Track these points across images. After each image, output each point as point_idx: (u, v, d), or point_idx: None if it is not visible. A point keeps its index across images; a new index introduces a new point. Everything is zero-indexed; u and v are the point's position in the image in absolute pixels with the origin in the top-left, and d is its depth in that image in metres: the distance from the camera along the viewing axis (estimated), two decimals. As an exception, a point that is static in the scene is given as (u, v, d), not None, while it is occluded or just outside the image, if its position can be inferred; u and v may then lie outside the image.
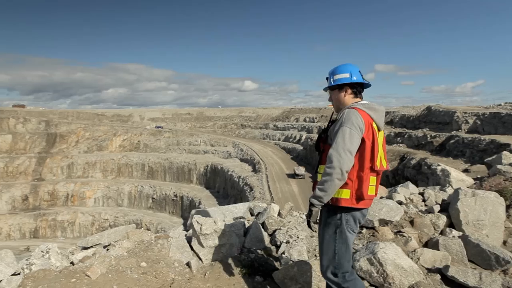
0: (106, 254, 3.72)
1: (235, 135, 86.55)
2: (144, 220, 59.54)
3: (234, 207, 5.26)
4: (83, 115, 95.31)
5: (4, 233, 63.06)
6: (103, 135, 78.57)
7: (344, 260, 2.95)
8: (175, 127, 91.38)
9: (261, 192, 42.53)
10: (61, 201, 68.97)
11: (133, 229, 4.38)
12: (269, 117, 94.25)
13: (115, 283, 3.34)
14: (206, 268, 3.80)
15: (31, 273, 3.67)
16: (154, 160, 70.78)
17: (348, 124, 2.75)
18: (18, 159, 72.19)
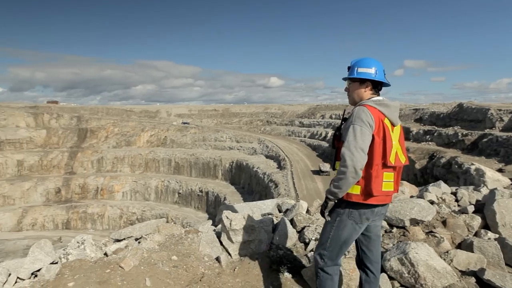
0: (138, 247, 3.82)
1: (260, 132, 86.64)
2: (170, 215, 60.59)
3: (262, 203, 5.27)
4: (112, 111, 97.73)
5: (39, 223, 65.67)
6: (131, 130, 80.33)
7: (334, 247, 3.01)
8: (201, 123, 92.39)
9: (286, 188, 42.46)
10: (91, 194, 71.10)
11: (164, 223, 4.47)
12: (294, 113, 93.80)
13: (147, 275, 3.42)
14: (236, 263, 3.83)
15: (68, 262, 3.80)
16: (181, 156, 71.81)
17: (358, 122, 2.77)
18: (52, 153, 74.84)
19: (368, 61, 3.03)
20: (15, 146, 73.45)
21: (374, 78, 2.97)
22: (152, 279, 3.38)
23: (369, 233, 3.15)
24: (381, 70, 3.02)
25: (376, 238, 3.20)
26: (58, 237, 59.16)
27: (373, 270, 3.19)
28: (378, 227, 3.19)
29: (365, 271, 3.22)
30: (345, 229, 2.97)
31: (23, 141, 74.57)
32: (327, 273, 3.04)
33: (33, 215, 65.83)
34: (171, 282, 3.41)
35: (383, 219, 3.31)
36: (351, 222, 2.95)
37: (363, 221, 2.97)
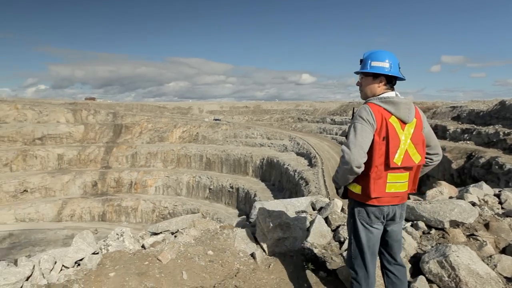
0: (175, 241, 3.90)
1: (291, 129, 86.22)
2: (201, 210, 61.49)
3: (296, 201, 5.25)
4: (146, 108, 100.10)
5: (77, 215, 68.39)
6: (164, 126, 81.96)
7: (357, 253, 2.97)
8: (232, 120, 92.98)
9: (316, 186, 42.09)
10: (126, 188, 73.22)
11: (199, 218, 4.55)
12: (326, 111, 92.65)
13: (184, 269, 3.49)
14: (270, 260, 3.84)
15: (108, 253, 3.94)
16: (212, 152, 72.63)
17: (359, 120, 2.73)
18: (89, 148, 77.62)
19: (382, 54, 2.90)
20: (55, 141, 76.75)
21: (388, 72, 2.85)
22: (189, 273, 3.45)
23: (388, 238, 3.05)
24: (396, 64, 2.89)
25: (394, 243, 3.08)
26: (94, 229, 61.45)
27: (395, 272, 3.09)
28: (397, 232, 3.06)
29: (387, 274, 3.13)
30: (359, 231, 2.93)
31: (63, 136, 77.79)
32: (359, 283, 3.00)
33: (72, 206, 68.64)
34: (207, 276, 3.46)
35: (402, 221, 3.16)
36: (361, 223, 2.91)
37: (374, 222, 2.90)
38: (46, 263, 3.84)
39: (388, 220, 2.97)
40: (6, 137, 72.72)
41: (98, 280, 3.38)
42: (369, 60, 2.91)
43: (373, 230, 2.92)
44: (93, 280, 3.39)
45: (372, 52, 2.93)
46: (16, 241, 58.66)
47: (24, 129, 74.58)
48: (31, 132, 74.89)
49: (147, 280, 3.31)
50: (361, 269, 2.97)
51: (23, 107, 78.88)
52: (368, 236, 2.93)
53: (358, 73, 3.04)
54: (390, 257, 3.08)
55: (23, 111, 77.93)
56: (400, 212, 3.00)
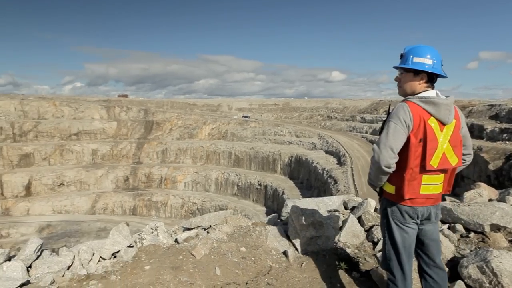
0: (208, 237, 3.95)
1: (320, 127, 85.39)
2: (229, 206, 62.00)
3: (328, 199, 5.19)
4: (177, 105, 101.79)
5: (109, 208, 70.61)
6: (194, 123, 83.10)
7: (392, 255, 2.90)
8: (261, 117, 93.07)
9: (345, 185, 41.54)
10: (156, 184, 74.83)
11: (231, 215, 4.58)
12: (356, 109, 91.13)
13: (217, 264, 3.53)
14: (303, 258, 3.82)
15: (143, 247, 4.04)
16: (240, 149, 73.02)
17: (394, 119, 2.66)
18: (121, 143, 79.83)
19: (424, 49, 2.75)
20: (90, 136, 79.41)
21: (431, 70, 2.71)
22: (222, 269, 3.48)
23: (423, 237, 2.95)
24: (439, 61, 2.75)
25: (431, 242, 2.96)
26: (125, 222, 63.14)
27: (433, 276, 2.96)
28: (432, 230, 2.96)
29: (424, 278, 3.01)
30: (394, 232, 2.86)
31: (97, 132, 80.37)
32: (396, 285, 2.91)
33: (105, 200, 70.91)
34: (239, 272, 3.49)
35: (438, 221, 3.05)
36: (395, 222, 2.85)
37: (408, 221, 2.82)
38: (85, 254, 3.98)
39: (423, 220, 2.88)
40: (45, 132, 75.91)
41: (134, 272, 3.47)
42: (411, 55, 2.78)
43: (408, 230, 2.85)
44: (130, 272, 3.49)
45: (415, 47, 2.80)
46: (54, 231, 61.25)
47: (61, 125, 77.59)
48: (68, 127, 77.83)
49: (181, 274, 3.37)
50: (397, 271, 2.90)
51: (61, 104, 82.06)
52: (403, 236, 2.85)
53: (397, 68, 2.92)
54: (428, 259, 2.97)
55: (61, 107, 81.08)
56: (436, 212, 2.91)
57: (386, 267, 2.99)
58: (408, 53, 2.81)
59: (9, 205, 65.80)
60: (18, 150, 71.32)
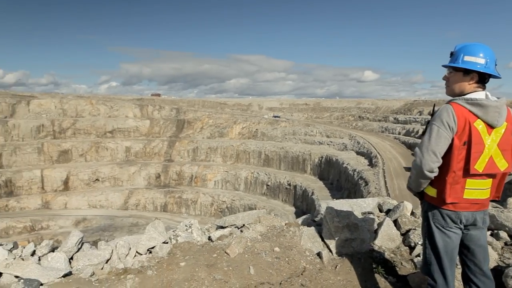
0: (242, 236, 3.96)
1: (351, 127, 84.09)
2: (258, 206, 62.14)
3: (362, 201, 5.10)
4: (208, 104, 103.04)
5: (141, 204, 72.45)
6: (224, 122, 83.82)
7: (433, 260, 2.80)
8: (292, 117, 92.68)
9: (376, 187, 40.66)
10: (186, 181, 76.06)
11: (264, 214, 4.58)
12: (389, 109, 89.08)
13: (251, 264, 3.54)
14: (337, 260, 3.77)
15: (178, 243, 4.11)
16: (270, 149, 73.02)
17: (437, 122, 2.56)
18: (154, 141, 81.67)
19: (477, 48, 2.61)
20: (124, 134, 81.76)
21: (484, 70, 2.57)
22: (256, 268, 3.49)
23: (468, 242, 2.81)
24: (493, 60, 2.60)
25: (477, 249, 2.81)
26: (155, 218, 64.54)
27: (479, 285, 2.81)
28: (478, 236, 2.80)
29: (470, 286, 2.86)
30: (435, 236, 2.76)
31: (130, 129, 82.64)
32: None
33: (137, 196, 72.81)
34: (273, 272, 3.48)
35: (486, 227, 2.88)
36: (437, 226, 2.75)
37: (450, 226, 2.72)
38: (122, 248, 4.09)
39: (468, 225, 2.76)
40: (82, 129, 78.83)
41: (170, 268, 3.54)
42: (462, 53, 2.65)
43: (451, 234, 2.74)
44: (165, 268, 3.56)
45: (467, 45, 2.67)
46: (89, 225, 63.52)
47: (97, 122, 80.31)
48: (103, 125, 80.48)
49: (216, 272, 3.40)
50: (439, 276, 2.79)
51: (97, 103, 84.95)
52: (445, 240, 2.75)
53: (446, 67, 2.79)
54: (475, 266, 2.82)
55: (97, 106, 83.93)
56: (483, 217, 2.77)
57: (427, 272, 2.89)
58: (459, 51, 2.68)
59: (49, 198, 68.85)
60: (57, 147, 74.49)
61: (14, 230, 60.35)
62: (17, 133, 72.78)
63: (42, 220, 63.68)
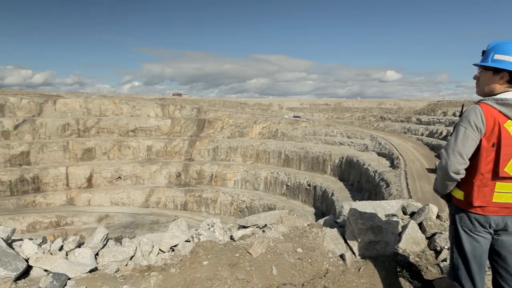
0: (264, 236, 3.96)
1: (373, 128, 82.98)
2: (277, 206, 62.06)
3: (386, 203, 5.02)
4: (228, 103, 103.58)
5: (162, 202, 73.49)
6: (245, 122, 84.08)
7: (460, 266, 2.72)
8: (312, 117, 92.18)
9: (398, 189, 40.01)
10: (206, 180, 76.68)
11: (286, 215, 4.56)
12: (412, 109, 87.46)
13: (274, 264, 3.53)
14: (360, 263, 3.72)
15: (200, 242, 4.14)
16: (290, 149, 72.81)
17: (464, 122, 2.49)
18: (175, 140, 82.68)
19: (509, 45, 2.52)
20: (145, 133, 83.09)
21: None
22: (278, 268, 3.48)
23: (499, 248, 2.70)
24: None
25: (509, 255, 2.70)
26: (175, 217, 65.32)
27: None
28: (510, 242, 2.68)
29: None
30: (462, 240, 2.68)
31: (152, 129, 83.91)
32: None
33: (158, 194, 73.87)
34: (296, 273, 3.46)
35: None
36: (464, 230, 2.67)
37: (478, 230, 2.63)
38: (145, 245, 4.15)
39: (498, 230, 2.66)
40: (106, 128, 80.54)
41: (193, 267, 3.57)
42: (493, 52, 2.57)
43: (479, 239, 2.66)
44: (188, 267, 3.59)
45: (499, 43, 2.59)
46: (111, 222, 64.82)
47: (120, 122, 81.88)
48: (126, 124, 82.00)
49: (238, 272, 3.41)
50: (467, 282, 2.71)
51: (120, 102, 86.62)
52: (473, 245, 2.67)
53: (477, 66, 2.72)
54: (507, 273, 2.70)
55: (120, 105, 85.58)
56: None
57: (454, 277, 2.81)
58: (491, 49, 2.60)
59: (73, 195, 70.65)
60: (81, 145, 76.35)
61: (40, 225, 62.22)
62: (44, 131, 75.00)
63: (66, 216, 65.40)
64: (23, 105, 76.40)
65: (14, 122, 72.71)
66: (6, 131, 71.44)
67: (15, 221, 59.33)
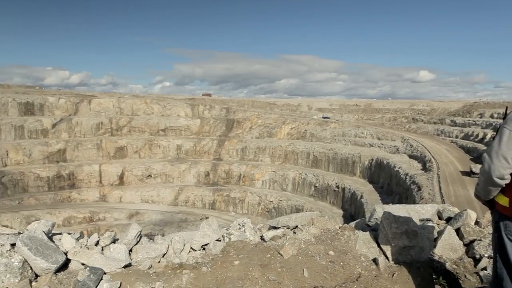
0: (295, 237, 3.93)
1: (404, 129, 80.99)
2: (305, 207, 61.64)
3: (420, 208, 4.88)
4: (257, 104, 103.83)
5: (190, 201, 74.55)
6: (273, 123, 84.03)
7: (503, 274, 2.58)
8: (342, 118, 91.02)
9: (430, 193, 38.84)
10: (234, 180, 77.16)
11: (317, 216, 4.51)
12: (446, 111, 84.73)
13: (305, 266, 3.50)
14: (394, 268, 3.63)
15: (231, 242, 4.16)
16: (319, 150, 72.17)
17: (509, 125, 2.37)
18: (204, 140, 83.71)
19: None
20: (175, 133, 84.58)
21: None
22: (309, 271, 3.44)
23: None
24: None
25: None
26: (205, 216, 66.32)
27: None
28: None
29: None
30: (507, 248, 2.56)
31: (182, 128, 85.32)
32: None
33: (186, 193, 74.98)
34: (327, 276, 3.42)
35: None
36: (509, 238, 2.55)
37: None
38: (177, 243, 4.21)
39: None
40: (137, 127, 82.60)
41: (224, 266, 3.59)
42: None
43: None
44: (219, 266, 3.61)
45: None
46: (141, 219, 66.35)
47: (151, 121, 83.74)
48: (156, 124, 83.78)
49: (269, 273, 3.40)
50: None
51: (151, 102, 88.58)
52: None
53: None
54: None
55: (151, 105, 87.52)
56: None
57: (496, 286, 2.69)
58: None
59: (106, 192, 72.86)
60: (114, 143, 78.64)
61: (75, 220, 64.51)
62: (79, 130, 77.81)
63: (99, 212, 67.50)
64: (60, 105, 79.54)
65: (52, 120, 75.85)
66: (45, 130, 74.64)
67: (52, 215, 61.83)
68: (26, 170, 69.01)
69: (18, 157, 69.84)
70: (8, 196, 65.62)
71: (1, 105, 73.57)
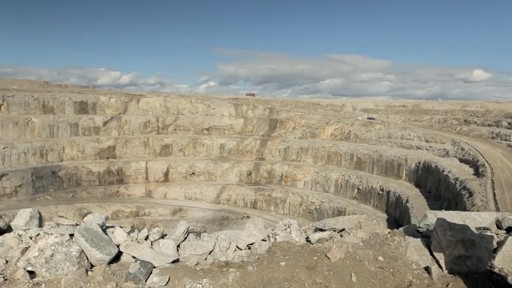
0: (343, 240, 3.85)
1: (455, 132, 77.08)
2: (347, 209, 60.41)
3: (477, 215, 4.60)
4: (300, 104, 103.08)
5: (232, 200, 75.45)
6: (317, 123, 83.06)
7: None
8: (387, 119, 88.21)
9: (483, 200, 36.69)
10: (276, 180, 77.12)
11: (365, 220, 4.39)
12: (502, 112, 79.63)
13: (353, 271, 3.41)
14: (448, 278, 3.44)
15: (276, 242, 4.15)
16: (363, 151, 70.43)
17: None
18: (246, 139, 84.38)
19: None
20: (219, 132, 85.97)
21: None
22: (358, 276, 3.35)
23: None
24: None
25: None
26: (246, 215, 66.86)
27: None
28: None
29: None
30: None
31: (225, 127, 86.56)
32: None
33: (229, 192, 75.94)
34: (376, 283, 3.31)
35: None
36: None
37: None
38: (223, 241, 4.26)
39: None
40: (182, 126, 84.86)
41: (270, 266, 3.58)
42: None
43: None
44: (265, 266, 3.61)
45: None
46: (184, 215, 68.05)
47: (195, 120, 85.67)
48: (201, 123, 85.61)
49: (316, 276, 3.35)
50: None
51: (196, 101, 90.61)
52: None
53: None
54: None
55: (196, 104, 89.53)
56: None
57: None
58: None
59: (151, 188, 75.48)
60: (160, 141, 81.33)
61: (122, 214, 67.37)
62: (128, 127, 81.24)
63: (145, 207, 70.03)
64: (111, 104, 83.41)
65: (103, 119, 79.77)
66: (97, 127, 78.67)
67: (102, 209, 64.96)
68: (80, 165, 73.05)
69: (73, 153, 74.10)
70: (63, 189, 69.83)
71: (59, 104, 78.44)
